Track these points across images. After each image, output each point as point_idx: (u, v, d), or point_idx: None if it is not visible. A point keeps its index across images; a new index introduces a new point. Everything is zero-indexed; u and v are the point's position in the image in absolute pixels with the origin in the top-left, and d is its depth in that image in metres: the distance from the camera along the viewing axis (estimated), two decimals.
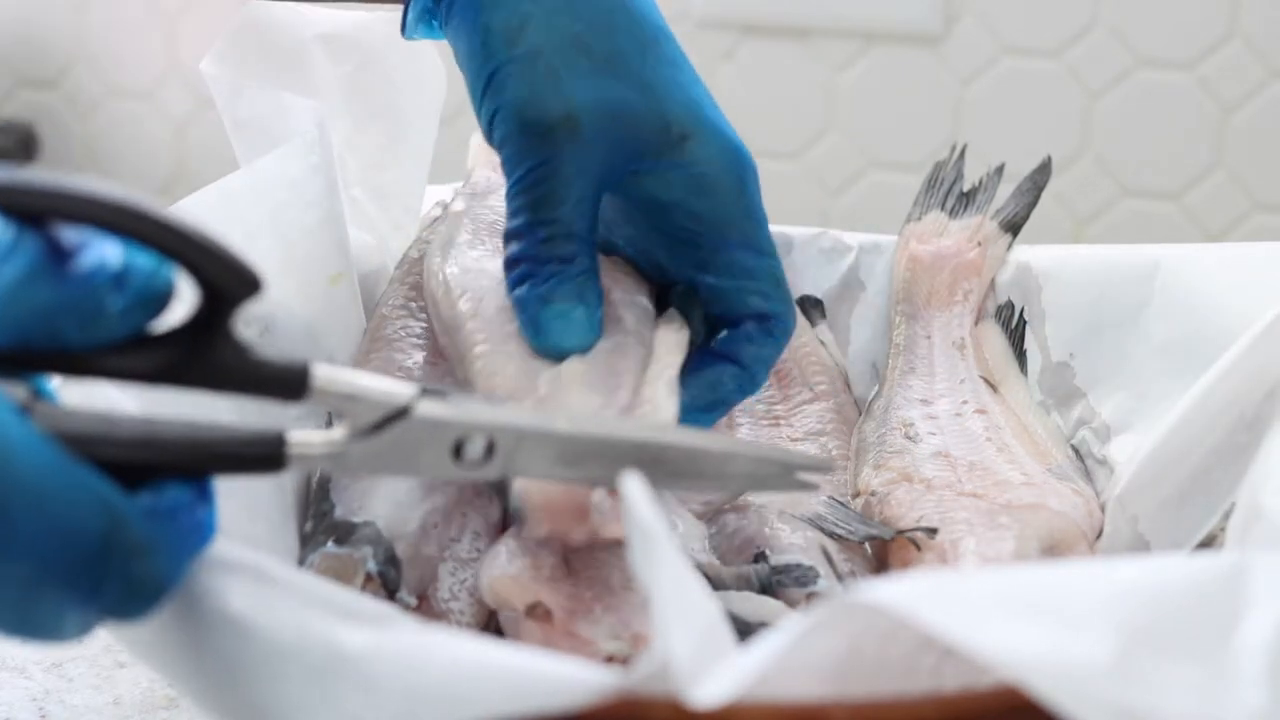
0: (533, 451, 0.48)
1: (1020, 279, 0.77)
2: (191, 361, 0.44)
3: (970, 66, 1.33)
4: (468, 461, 0.47)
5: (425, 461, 0.47)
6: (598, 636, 0.52)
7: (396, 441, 0.46)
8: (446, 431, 0.47)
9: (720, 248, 0.60)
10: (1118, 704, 0.36)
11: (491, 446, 0.47)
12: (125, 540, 0.40)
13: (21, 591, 0.39)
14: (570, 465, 0.49)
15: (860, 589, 0.37)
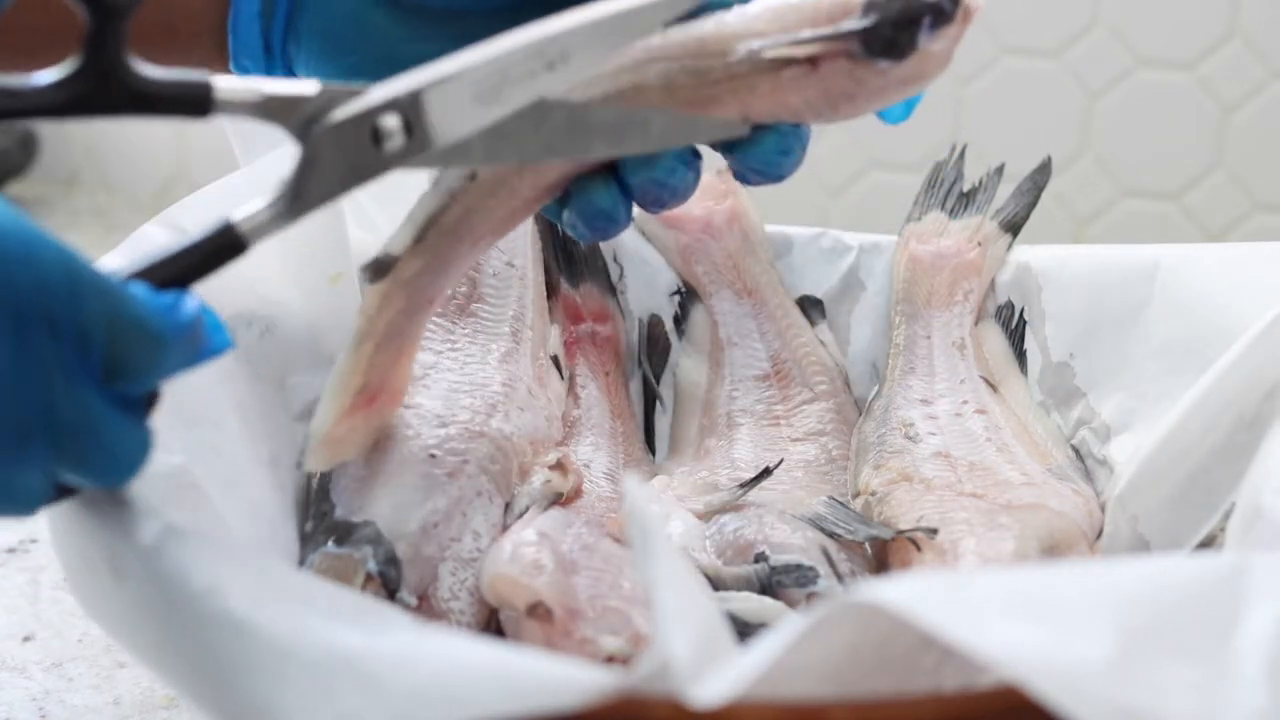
0: (446, 103, 0.47)
1: (1020, 279, 0.77)
2: (99, 88, 0.44)
3: (970, 66, 1.33)
4: (390, 151, 0.47)
5: (358, 167, 0.47)
6: (598, 636, 0.52)
7: (322, 163, 0.46)
8: (358, 127, 0.46)
9: None
10: (1118, 704, 0.36)
11: (407, 122, 0.47)
12: (89, 282, 0.40)
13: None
14: (488, 101, 0.47)
15: (860, 589, 0.37)
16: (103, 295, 0.41)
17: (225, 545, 0.44)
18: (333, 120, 0.47)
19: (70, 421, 0.41)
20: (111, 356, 0.41)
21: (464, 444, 0.61)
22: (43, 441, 0.41)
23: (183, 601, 0.42)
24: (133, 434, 0.43)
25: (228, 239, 0.46)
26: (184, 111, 0.46)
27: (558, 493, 0.62)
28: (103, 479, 0.43)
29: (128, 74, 0.45)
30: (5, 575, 0.70)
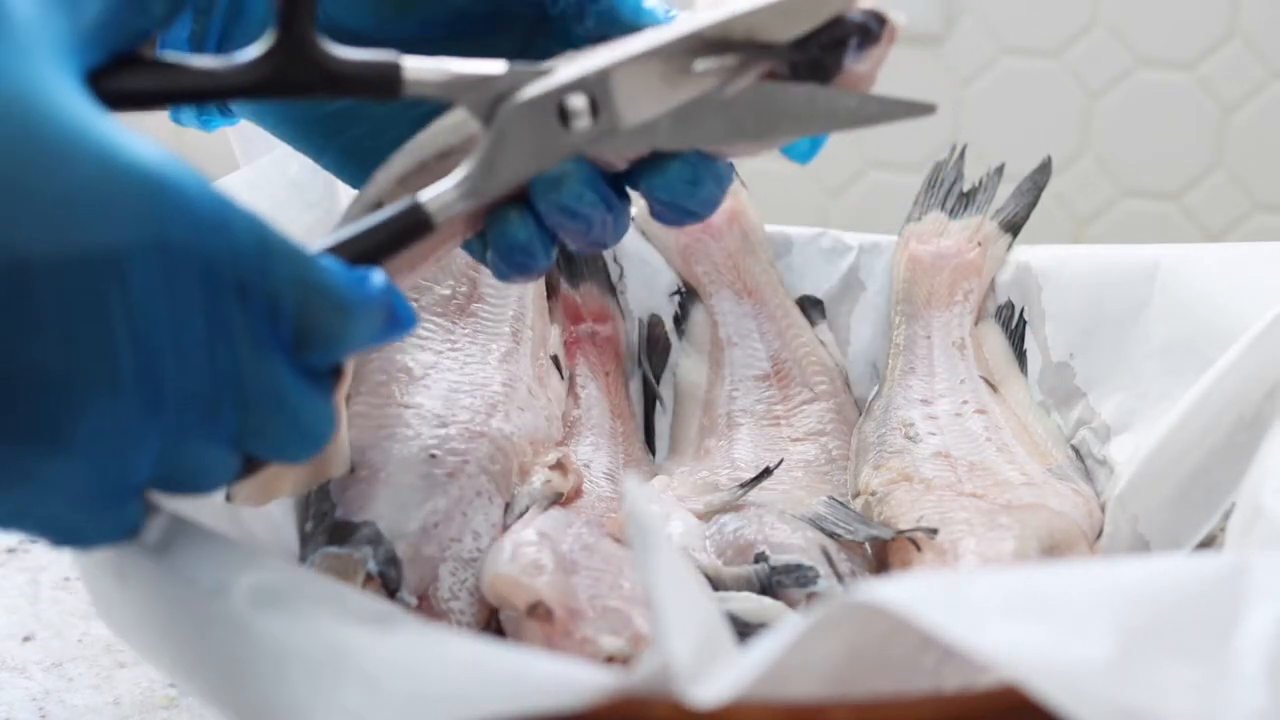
0: (634, 84, 0.47)
1: (1020, 279, 0.77)
2: (291, 67, 0.45)
3: (970, 66, 1.33)
4: (577, 129, 0.47)
5: (545, 149, 0.47)
6: (599, 636, 0.52)
7: (506, 142, 0.46)
8: (544, 107, 0.47)
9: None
10: (1117, 704, 0.36)
11: (594, 102, 0.47)
12: (280, 247, 0.40)
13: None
14: (675, 82, 0.47)
15: (860, 589, 0.37)
16: (293, 263, 0.40)
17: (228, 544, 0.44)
18: (520, 99, 0.47)
19: (260, 391, 0.40)
20: (301, 326, 0.41)
21: (464, 444, 0.61)
22: (233, 412, 0.40)
23: (187, 601, 0.42)
24: (320, 406, 0.42)
25: (416, 217, 0.46)
26: (373, 92, 0.46)
27: (558, 493, 0.62)
28: (289, 453, 0.42)
29: (318, 54, 0.45)
30: (5, 575, 0.70)
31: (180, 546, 0.43)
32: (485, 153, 0.47)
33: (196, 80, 0.45)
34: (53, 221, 0.36)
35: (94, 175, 0.37)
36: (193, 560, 0.42)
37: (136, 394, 0.38)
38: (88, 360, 0.37)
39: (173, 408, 0.39)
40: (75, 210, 0.37)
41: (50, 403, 0.37)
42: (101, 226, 0.37)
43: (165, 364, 0.38)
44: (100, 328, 0.37)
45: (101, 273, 0.37)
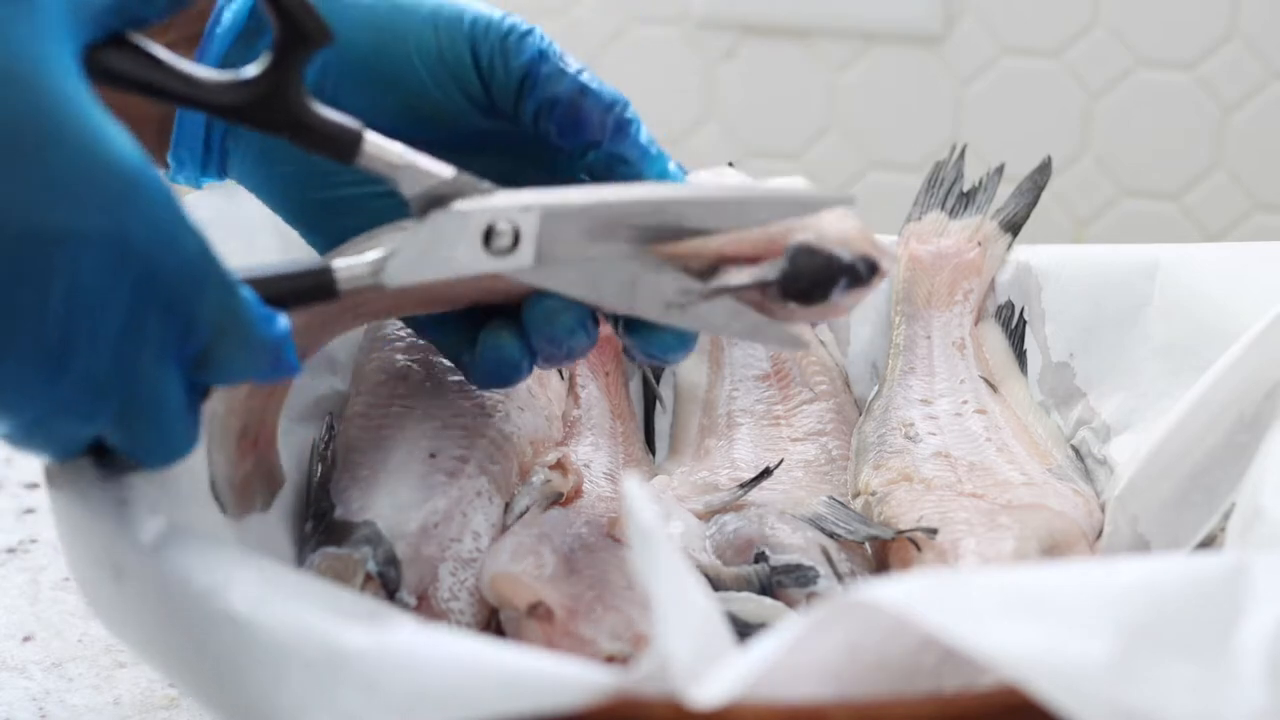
0: (558, 231, 0.50)
1: (1020, 279, 0.77)
2: (268, 101, 0.47)
3: (970, 66, 1.33)
4: (496, 249, 0.50)
5: (458, 257, 0.50)
6: (599, 636, 0.52)
7: (431, 240, 0.49)
8: (474, 221, 0.50)
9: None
10: (1118, 704, 0.36)
11: (517, 233, 0.50)
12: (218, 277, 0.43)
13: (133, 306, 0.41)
14: (597, 239, 0.50)
15: (860, 589, 0.37)
16: (222, 293, 0.43)
17: (226, 545, 0.44)
18: (455, 208, 0.50)
19: (143, 397, 0.43)
20: (208, 352, 0.44)
21: (464, 444, 0.61)
22: (111, 405, 0.42)
23: (184, 601, 0.42)
24: (189, 424, 0.45)
25: (322, 279, 0.49)
26: (331, 151, 0.49)
27: (558, 493, 0.62)
28: (147, 458, 0.45)
29: (296, 98, 0.48)
30: (5, 575, 0.70)
31: (176, 547, 0.43)
32: (405, 244, 0.50)
33: (177, 81, 0.47)
34: (28, 195, 0.39)
35: (75, 160, 0.39)
36: (189, 560, 0.42)
37: (42, 363, 0.40)
38: (15, 322, 0.40)
39: (64, 385, 0.41)
40: (51, 189, 0.39)
41: None
42: (70, 209, 0.39)
43: (76, 346, 0.41)
44: (36, 298, 0.39)
45: (56, 250, 0.39)
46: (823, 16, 1.33)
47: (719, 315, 0.53)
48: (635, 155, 0.56)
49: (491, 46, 0.55)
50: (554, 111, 0.55)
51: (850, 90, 1.35)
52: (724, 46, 1.36)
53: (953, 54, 1.33)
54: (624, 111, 0.56)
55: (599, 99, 0.55)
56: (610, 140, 0.55)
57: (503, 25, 0.55)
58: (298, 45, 0.47)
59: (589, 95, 0.55)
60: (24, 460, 0.79)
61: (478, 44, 0.55)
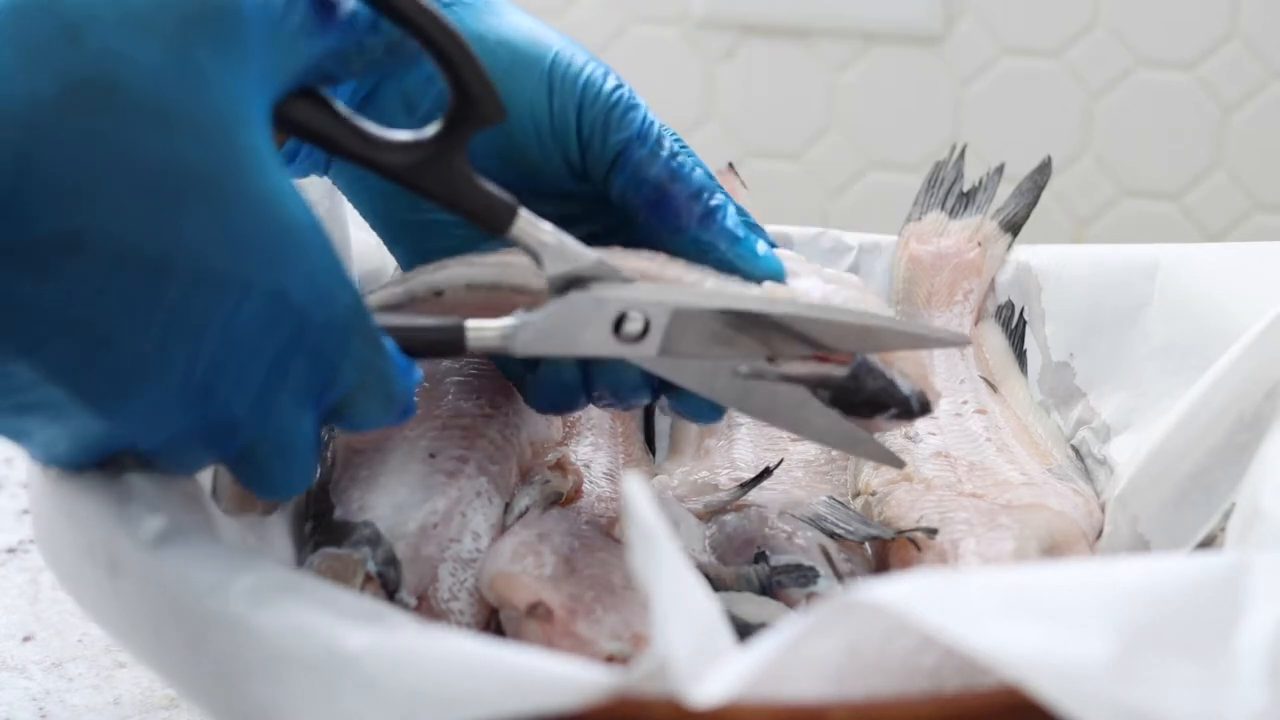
0: (686, 329, 0.52)
1: (1020, 279, 0.77)
2: (433, 167, 0.49)
3: (970, 66, 1.33)
4: (625, 336, 0.51)
5: (587, 337, 0.51)
6: (599, 637, 0.52)
7: (564, 316, 0.51)
8: (609, 307, 0.51)
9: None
10: (1118, 704, 0.36)
11: (647, 325, 0.51)
12: (366, 332, 0.45)
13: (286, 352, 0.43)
14: (723, 343, 0.52)
15: (860, 589, 0.37)
16: (369, 348, 0.45)
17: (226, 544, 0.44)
18: (594, 292, 0.51)
19: (274, 438, 0.45)
20: (347, 401, 0.46)
21: (463, 444, 0.61)
22: (239, 443, 0.44)
23: (183, 600, 0.42)
24: (310, 461, 0.46)
25: (455, 337, 0.50)
26: (485, 222, 0.50)
27: (558, 493, 0.62)
28: (264, 490, 0.47)
29: (458, 168, 0.49)
30: (5, 575, 0.70)
31: (177, 546, 0.43)
32: (539, 317, 0.51)
33: (352, 138, 0.48)
34: (208, 239, 0.40)
35: (249, 214, 0.41)
36: (188, 560, 0.42)
37: (186, 394, 0.42)
38: (173, 354, 0.41)
39: (203, 417, 0.43)
40: (223, 238, 0.41)
41: (128, 376, 0.41)
42: (241, 259, 0.41)
43: (220, 385, 0.42)
44: (196, 336, 0.41)
45: (222, 296, 0.41)
46: (823, 16, 1.33)
47: (823, 425, 0.55)
48: (723, 244, 0.56)
49: (595, 117, 0.56)
50: (641, 191, 0.56)
51: (850, 90, 1.35)
52: (724, 46, 1.36)
53: (953, 54, 1.33)
54: (710, 199, 0.57)
55: (687, 185, 0.56)
56: (697, 226, 0.56)
57: (611, 98, 0.56)
58: (471, 118, 0.48)
59: (677, 181, 0.56)
60: (24, 460, 0.79)
61: (583, 111, 0.56)
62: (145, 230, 0.40)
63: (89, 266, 0.39)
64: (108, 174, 0.39)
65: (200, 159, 0.40)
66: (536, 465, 0.63)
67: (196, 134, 0.40)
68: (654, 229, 0.57)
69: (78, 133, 0.38)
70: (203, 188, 0.40)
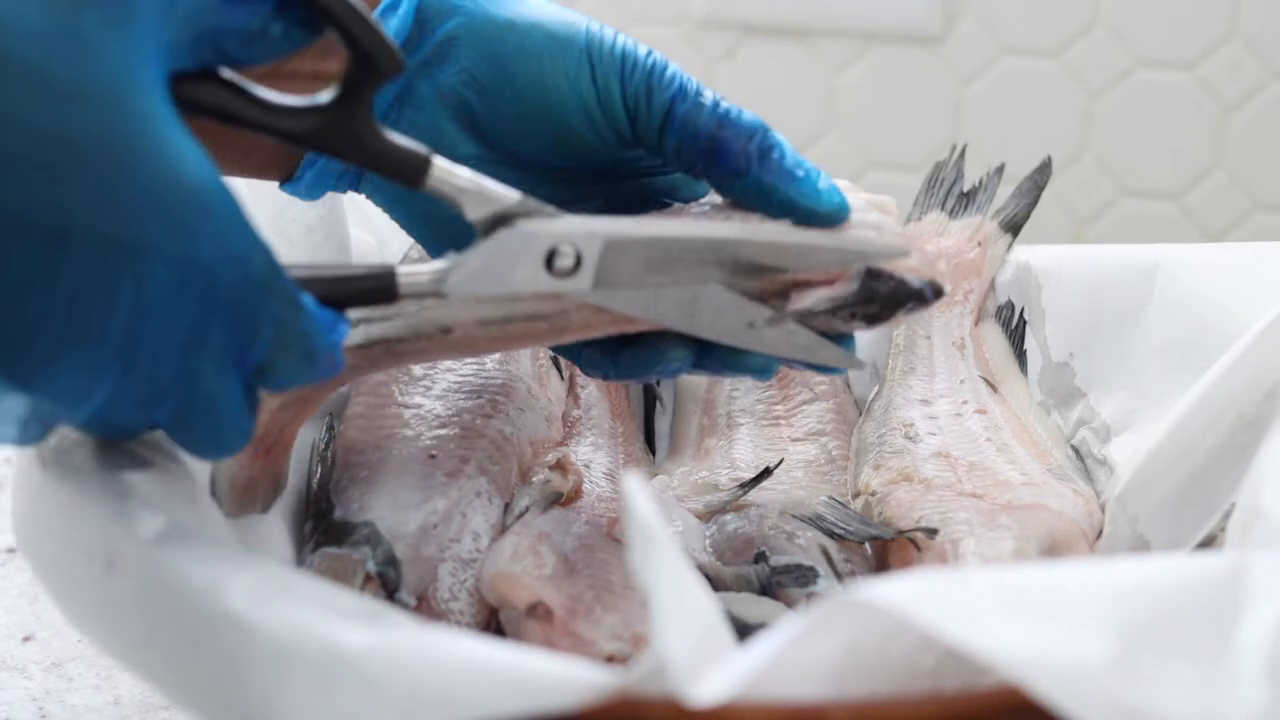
0: (619, 259, 0.52)
1: (1020, 279, 0.77)
2: (336, 128, 0.49)
3: (970, 66, 1.33)
4: (558, 271, 0.51)
5: (520, 275, 0.51)
6: (598, 637, 0.52)
7: (494, 256, 0.50)
8: (539, 243, 0.51)
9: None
10: (1118, 704, 0.36)
11: (579, 258, 0.51)
12: (280, 290, 0.45)
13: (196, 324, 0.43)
14: (657, 270, 0.52)
15: (860, 589, 0.37)
16: (286, 306, 0.45)
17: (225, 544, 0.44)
18: (522, 230, 0.51)
19: (202, 401, 0.44)
20: (268, 362, 0.45)
21: (464, 444, 0.61)
22: (168, 408, 0.44)
23: (181, 599, 0.42)
24: (244, 424, 0.46)
25: (385, 283, 0.49)
26: (399, 176, 0.50)
27: (558, 493, 0.62)
28: (198, 452, 0.47)
29: (367, 125, 0.49)
30: (5, 575, 0.70)
31: (176, 544, 0.43)
32: (468, 258, 0.50)
33: (252, 109, 0.48)
34: (106, 205, 0.40)
35: (149, 179, 0.41)
36: (187, 559, 0.42)
37: (108, 362, 0.42)
38: (83, 324, 0.41)
39: (127, 384, 0.43)
40: (124, 204, 0.40)
41: (39, 347, 0.41)
42: (143, 224, 0.41)
43: (140, 350, 0.42)
44: (105, 304, 0.41)
45: (126, 262, 0.41)
46: (823, 16, 1.33)
47: (776, 337, 0.55)
48: (783, 183, 0.56)
49: (638, 83, 0.56)
50: (697, 144, 0.56)
51: (850, 90, 1.35)
52: (724, 46, 1.36)
53: (953, 54, 1.33)
54: (765, 139, 0.56)
55: (739, 129, 0.56)
56: (758, 168, 0.56)
57: (647, 62, 0.56)
58: (368, 75, 0.48)
59: (728, 126, 0.55)
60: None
61: (626, 80, 0.56)
62: (39, 198, 0.39)
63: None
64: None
65: (91, 125, 0.40)
66: (536, 465, 0.63)
67: (86, 100, 0.40)
68: (717, 181, 0.57)
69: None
70: (96, 154, 0.40)
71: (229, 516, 0.53)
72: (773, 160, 0.55)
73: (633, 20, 1.36)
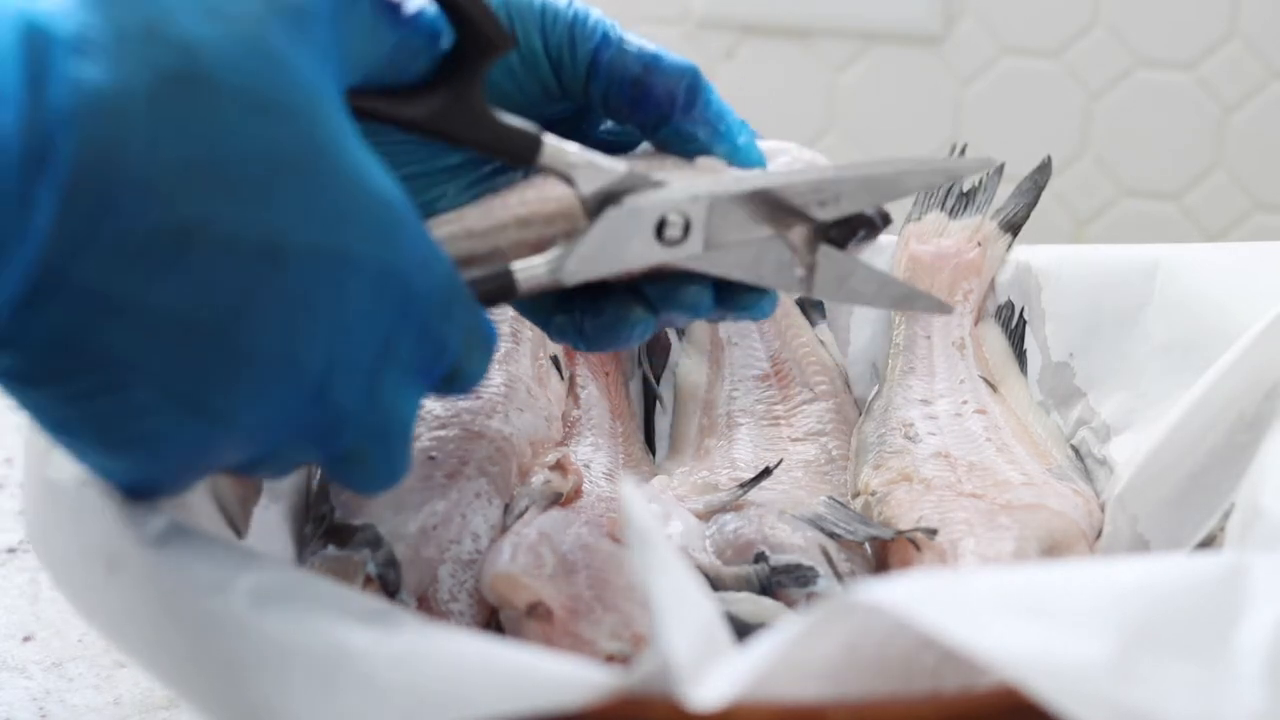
0: (725, 217, 0.52)
1: (1020, 279, 0.77)
2: (453, 111, 0.49)
3: (970, 66, 1.33)
4: (668, 240, 0.52)
5: (633, 250, 0.51)
6: (598, 636, 0.52)
7: (606, 236, 0.51)
8: (647, 216, 0.51)
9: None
10: (1117, 704, 0.36)
11: (688, 223, 0.52)
12: (464, 295, 0.46)
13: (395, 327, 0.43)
14: (761, 221, 0.53)
15: (860, 589, 0.37)
16: (469, 313, 0.45)
17: (227, 543, 0.44)
18: (630, 205, 0.51)
19: (380, 426, 0.44)
20: (459, 364, 0.46)
21: (463, 445, 0.61)
22: (345, 440, 0.44)
23: (185, 599, 0.42)
24: (408, 448, 0.46)
25: (504, 282, 0.50)
26: (511, 155, 0.50)
27: (558, 493, 0.62)
28: (368, 485, 0.46)
29: (479, 106, 0.49)
30: (5, 575, 0.70)
31: (179, 544, 0.43)
32: (583, 243, 0.51)
33: (372, 100, 0.48)
34: (313, 218, 0.40)
35: (347, 190, 0.41)
36: (190, 558, 0.42)
37: (305, 385, 0.41)
38: (289, 348, 0.40)
39: (315, 415, 0.42)
40: (332, 214, 0.41)
41: (245, 380, 0.40)
42: (346, 234, 0.41)
43: (337, 372, 0.42)
44: (310, 323, 0.41)
45: (333, 274, 0.41)
46: (823, 16, 1.33)
47: (869, 286, 0.56)
48: (704, 133, 0.56)
49: (559, 35, 0.55)
50: (622, 90, 0.55)
51: (850, 90, 1.35)
52: (724, 46, 1.36)
53: (953, 54, 1.33)
54: (694, 82, 0.55)
55: (665, 73, 0.55)
56: (680, 115, 0.55)
57: (569, 13, 0.55)
58: (480, 52, 0.48)
59: (654, 71, 0.55)
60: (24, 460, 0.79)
61: (547, 33, 0.55)
62: (250, 216, 0.39)
63: (200, 260, 0.38)
64: (206, 163, 0.38)
65: (293, 140, 0.40)
66: (536, 466, 0.63)
67: (285, 117, 0.40)
68: (642, 127, 0.56)
69: (170, 124, 0.38)
70: (300, 168, 0.40)
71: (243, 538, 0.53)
72: (697, 108, 0.55)
73: (633, 20, 1.36)
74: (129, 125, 0.37)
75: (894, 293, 0.56)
